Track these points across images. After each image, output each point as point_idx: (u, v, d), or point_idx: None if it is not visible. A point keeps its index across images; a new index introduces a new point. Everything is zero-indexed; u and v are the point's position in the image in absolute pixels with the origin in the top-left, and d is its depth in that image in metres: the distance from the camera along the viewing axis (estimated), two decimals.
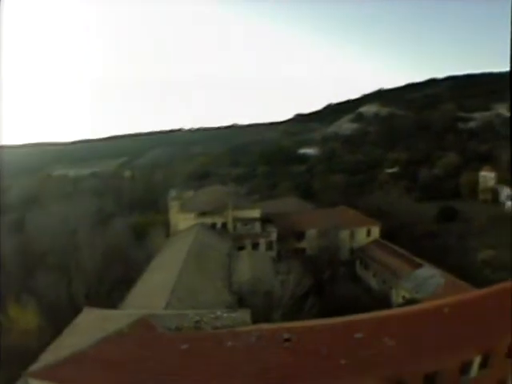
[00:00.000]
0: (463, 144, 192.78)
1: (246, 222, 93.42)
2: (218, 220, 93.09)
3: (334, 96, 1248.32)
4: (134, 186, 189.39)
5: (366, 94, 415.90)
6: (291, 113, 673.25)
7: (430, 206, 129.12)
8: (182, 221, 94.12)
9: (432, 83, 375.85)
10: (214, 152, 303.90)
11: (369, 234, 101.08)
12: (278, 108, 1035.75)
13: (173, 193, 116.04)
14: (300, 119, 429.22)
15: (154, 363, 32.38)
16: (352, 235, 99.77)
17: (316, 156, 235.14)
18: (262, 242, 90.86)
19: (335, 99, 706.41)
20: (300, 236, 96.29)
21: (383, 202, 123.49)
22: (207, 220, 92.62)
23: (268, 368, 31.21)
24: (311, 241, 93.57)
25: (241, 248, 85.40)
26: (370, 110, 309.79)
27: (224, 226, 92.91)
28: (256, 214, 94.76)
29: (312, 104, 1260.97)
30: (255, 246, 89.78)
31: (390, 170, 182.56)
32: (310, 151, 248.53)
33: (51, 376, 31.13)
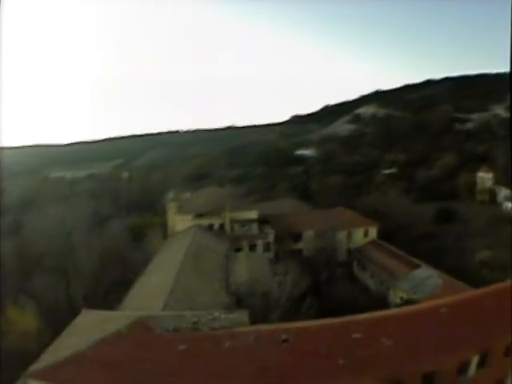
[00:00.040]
0: (460, 145, 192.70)
1: (244, 223, 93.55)
2: (216, 221, 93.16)
3: (332, 97, 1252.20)
4: (131, 187, 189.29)
5: (364, 95, 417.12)
6: (289, 114, 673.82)
7: (428, 206, 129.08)
8: (180, 222, 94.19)
9: (429, 84, 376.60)
10: (211, 153, 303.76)
11: (366, 234, 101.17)
12: (275, 109, 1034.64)
13: (170, 194, 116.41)
14: (297, 120, 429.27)
15: (152, 364, 32.40)
16: (349, 236, 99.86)
17: (313, 157, 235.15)
18: (260, 244, 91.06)
19: (333, 100, 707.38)
20: (297, 237, 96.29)
21: (380, 203, 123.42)
22: (205, 221, 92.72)
23: (266, 368, 31.25)
24: (308, 242, 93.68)
25: (238, 249, 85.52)
26: (367, 111, 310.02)
27: (221, 227, 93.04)
28: (253, 215, 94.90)
29: (309, 105, 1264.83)
30: (252, 248, 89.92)
31: (388, 171, 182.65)
32: (308, 152, 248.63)
33: (50, 377, 31.14)
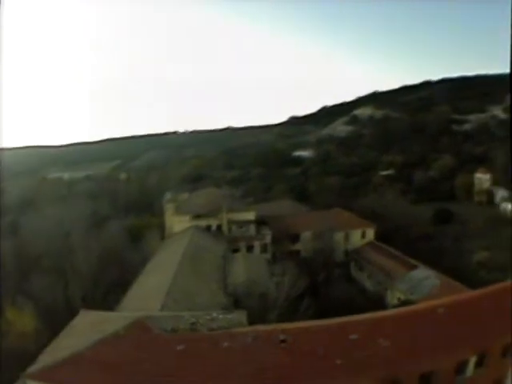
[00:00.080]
0: (458, 146, 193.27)
1: (241, 224, 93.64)
2: (213, 222, 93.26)
3: (329, 98, 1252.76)
4: (129, 188, 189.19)
5: (361, 96, 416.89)
6: (286, 115, 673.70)
7: (426, 208, 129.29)
8: (177, 223, 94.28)
9: (427, 85, 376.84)
10: (209, 154, 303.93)
11: (363, 236, 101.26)
12: (273, 110, 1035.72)
13: (168, 195, 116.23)
14: (295, 122, 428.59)
15: (151, 364, 32.52)
16: (347, 237, 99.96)
17: (311, 158, 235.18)
18: (257, 245, 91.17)
19: (330, 101, 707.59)
20: (295, 238, 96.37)
21: (378, 205, 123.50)
22: (202, 222, 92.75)
23: (264, 369, 31.42)
24: (306, 243, 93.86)
25: (235, 250, 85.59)
26: (364, 112, 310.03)
27: (219, 228, 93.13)
28: (251, 216, 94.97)
29: (307, 106, 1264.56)
30: (250, 249, 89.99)
31: (385, 173, 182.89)
32: (305, 154, 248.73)
33: (48, 377, 31.23)
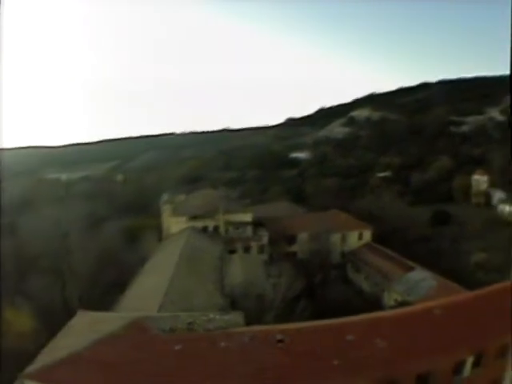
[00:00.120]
0: (456, 148, 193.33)
1: (238, 225, 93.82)
2: (210, 223, 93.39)
3: (326, 100, 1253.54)
4: (126, 189, 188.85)
5: (358, 98, 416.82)
6: (283, 117, 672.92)
7: (423, 209, 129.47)
8: (174, 224, 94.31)
9: (424, 87, 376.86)
10: (205, 156, 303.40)
11: (360, 237, 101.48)
12: (269, 112, 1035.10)
13: (165, 196, 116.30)
14: (291, 123, 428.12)
15: (148, 364, 32.73)
16: (343, 239, 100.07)
17: (307, 160, 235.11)
18: (254, 246, 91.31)
19: (327, 103, 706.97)
20: (291, 240, 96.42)
21: (375, 206, 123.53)
22: (199, 223, 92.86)
23: (261, 368, 31.65)
24: (303, 244, 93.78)
25: (232, 251, 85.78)
26: (361, 114, 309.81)
27: (216, 229, 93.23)
28: (248, 217, 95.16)
29: (304, 108, 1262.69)
30: (247, 250, 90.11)
31: (382, 174, 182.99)
32: (302, 155, 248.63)
33: (47, 377, 31.36)
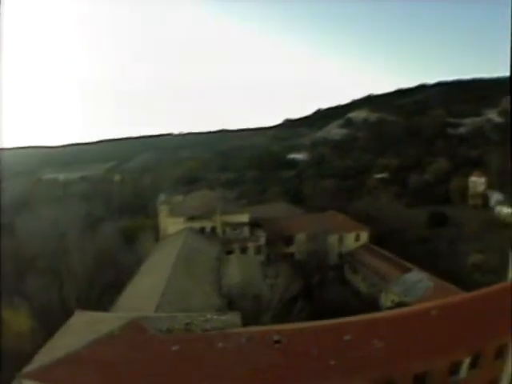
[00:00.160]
0: (453, 149, 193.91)
1: (235, 226, 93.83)
2: (207, 224, 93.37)
3: (324, 101, 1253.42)
4: (123, 190, 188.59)
5: (356, 99, 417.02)
6: (281, 118, 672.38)
7: (421, 211, 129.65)
8: (172, 225, 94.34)
9: (422, 89, 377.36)
10: (203, 156, 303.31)
11: (357, 239, 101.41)
12: (267, 113, 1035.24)
13: (162, 197, 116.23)
14: (289, 124, 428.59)
15: (146, 364, 32.77)
16: (341, 240, 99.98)
17: (305, 161, 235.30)
18: (251, 247, 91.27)
19: (325, 104, 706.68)
20: (289, 240, 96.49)
21: (372, 208, 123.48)
22: (196, 224, 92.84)
23: (258, 369, 31.75)
24: (300, 245, 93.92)
25: (229, 252, 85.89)
26: (359, 115, 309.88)
27: (213, 230, 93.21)
28: (245, 218, 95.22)
29: (302, 109, 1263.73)
30: (244, 251, 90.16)
31: (380, 176, 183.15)
32: (300, 156, 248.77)
33: (45, 377, 31.39)
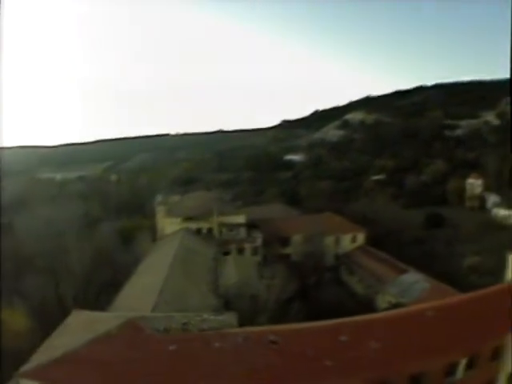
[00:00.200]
0: (451, 151, 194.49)
1: (232, 227, 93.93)
2: (204, 225, 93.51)
3: (322, 102, 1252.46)
4: (120, 190, 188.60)
5: (354, 100, 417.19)
6: (278, 119, 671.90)
7: (417, 212, 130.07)
8: (169, 225, 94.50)
9: (420, 90, 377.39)
10: (200, 157, 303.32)
11: (354, 240, 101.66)
12: (264, 114, 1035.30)
13: (159, 197, 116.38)
14: (286, 125, 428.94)
15: (143, 364, 32.95)
16: (337, 241, 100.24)
17: (302, 162, 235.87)
18: (248, 248, 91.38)
19: (322, 106, 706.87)
20: (285, 242, 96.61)
21: (369, 209, 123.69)
22: (193, 225, 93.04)
23: (255, 369, 31.95)
24: (296, 246, 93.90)
25: (226, 253, 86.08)
26: (356, 117, 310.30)
27: (210, 231, 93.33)
28: (241, 219, 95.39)
29: (299, 110, 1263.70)
30: (241, 251, 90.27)
31: (377, 177, 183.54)
32: (297, 157, 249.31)
33: (42, 376, 31.51)
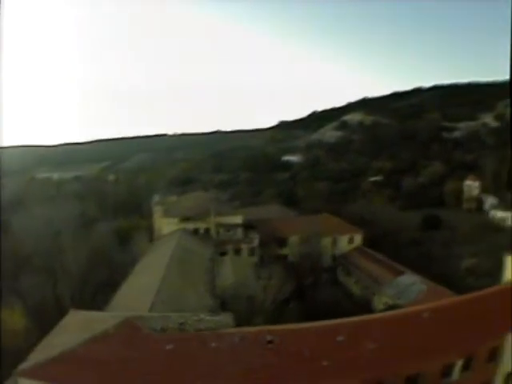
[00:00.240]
0: (448, 153, 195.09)
1: (229, 227, 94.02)
2: (201, 225, 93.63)
3: (319, 104, 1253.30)
4: (117, 190, 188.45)
5: (351, 102, 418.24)
6: (276, 119, 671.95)
7: (414, 214, 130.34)
8: (166, 225, 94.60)
9: (418, 92, 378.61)
10: (198, 157, 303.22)
11: (351, 241, 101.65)
12: (262, 114, 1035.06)
13: (156, 198, 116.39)
14: (284, 126, 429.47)
15: (140, 363, 33.02)
16: (334, 242, 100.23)
17: (300, 163, 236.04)
18: (245, 248, 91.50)
19: (320, 107, 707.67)
20: (282, 242, 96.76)
21: (366, 210, 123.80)
22: (190, 225, 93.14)
23: (251, 369, 32.05)
24: (293, 247, 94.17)
25: (223, 253, 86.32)
26: (354, 118, 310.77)
27: (207, 231, 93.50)
28: (238, 220, 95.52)
29: (297, 111, 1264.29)
30: (238, 252, 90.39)
31: (374, 179, 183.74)
32: (294, 158, 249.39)
33: (40, 374, 31.54)
